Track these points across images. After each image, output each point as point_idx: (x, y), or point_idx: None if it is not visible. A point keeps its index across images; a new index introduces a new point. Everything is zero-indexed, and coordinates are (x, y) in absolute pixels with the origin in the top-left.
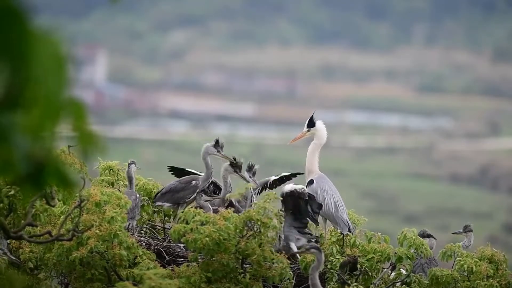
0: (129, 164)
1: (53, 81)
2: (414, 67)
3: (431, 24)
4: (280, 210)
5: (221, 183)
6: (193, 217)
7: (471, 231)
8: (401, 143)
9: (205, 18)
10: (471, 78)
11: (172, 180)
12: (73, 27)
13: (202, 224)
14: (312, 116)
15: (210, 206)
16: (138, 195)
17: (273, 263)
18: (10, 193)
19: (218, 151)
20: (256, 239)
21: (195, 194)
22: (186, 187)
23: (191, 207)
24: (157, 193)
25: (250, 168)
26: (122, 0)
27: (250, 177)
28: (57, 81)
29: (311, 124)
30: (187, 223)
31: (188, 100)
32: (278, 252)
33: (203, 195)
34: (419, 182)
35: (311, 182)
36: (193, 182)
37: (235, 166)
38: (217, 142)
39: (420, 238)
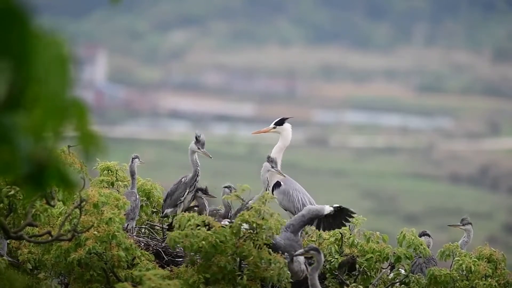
0: (132, 158)
1: (55, 82)
2: (414, 67)
3: (431, 24)
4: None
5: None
6: (188, 221)
7: (470, 223)
8: (401, 143)
9: (205, 18)
10: (471, 78)
11: (170, 180)
12: (73, 27)
13: (197, 226)
14: (285, 118)
15: (206, 205)
16: (137, 196)
17: (270, 264)
18: (10, 193)
19: (199, 148)
20: (253, 240)
21: (188, 190)
22: (178, 186)
23: (192, 206)
24: (162, 206)
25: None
26: (122, 1)
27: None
28: (59, 82)
29: (280, 123)
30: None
31: (188, 100)
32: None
33: (199, 191)
34: (419, 182)
35: (278, 184)
36: (183, 180)
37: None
38: (197, 139)
39: (419, 238)
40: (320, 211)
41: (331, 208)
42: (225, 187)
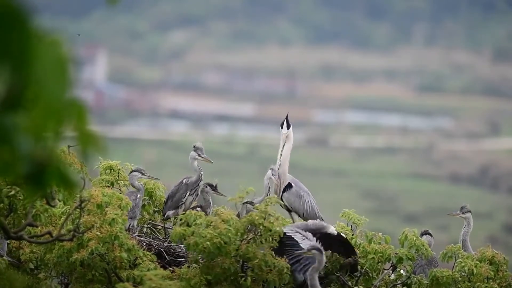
0: (131, 171)
1: (55, 82)
2: (414, 67)
3: (431, 24)
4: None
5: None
6: (195, 220)
7: (469, 211)
8: (401, 143)
9: (205, 18)
10: (471, 78)
11: (171, 180)
12: (73, 27)
13: (205, 226)
14: (287, 118)
15: (211, 203)
16: (138, 195)
17: (273, 267)
18: (10, 193)
19: (199, 155)
20: (257, 242)
21: (189, 192)
22: (180, 188)
23: (194, 206)
24: (163, 208)
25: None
26: (122, 1)
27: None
28: (58, 82)
29: (289, 125)
30: (188, 225)
31: (188, 100)
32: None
33: (208, 186)
34: (419, 182)
35: (289, 185)
36: (184, 181)
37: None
38: (194, 147)
39: (421, 239)
40: (324, 228)
41: (335, 230)
42: (245, 203)
